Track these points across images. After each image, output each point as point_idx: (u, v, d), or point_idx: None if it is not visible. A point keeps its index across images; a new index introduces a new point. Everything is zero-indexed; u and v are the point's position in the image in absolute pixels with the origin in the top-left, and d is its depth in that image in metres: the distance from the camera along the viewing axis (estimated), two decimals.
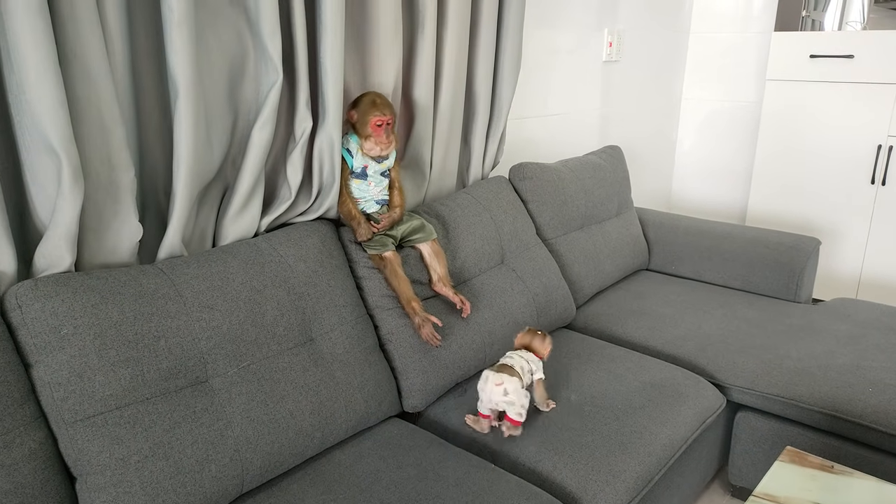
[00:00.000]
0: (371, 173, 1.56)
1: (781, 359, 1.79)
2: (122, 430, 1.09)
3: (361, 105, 1.52)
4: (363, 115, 1.51)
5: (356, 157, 1.54)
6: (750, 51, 3.13)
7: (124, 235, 1.23)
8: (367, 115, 1.50)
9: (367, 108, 1.50)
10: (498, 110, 1.99)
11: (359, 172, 1.55)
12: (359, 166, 1.55)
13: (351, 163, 1.55)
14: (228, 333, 1.25)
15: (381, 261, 1.56)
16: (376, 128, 1.50)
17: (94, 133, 1.14)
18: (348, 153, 1.55)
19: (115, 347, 1.11)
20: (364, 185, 1.56)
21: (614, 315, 2.05)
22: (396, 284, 1.55)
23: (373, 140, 1.51)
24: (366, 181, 1.56)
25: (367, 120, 1.50)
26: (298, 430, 1.28)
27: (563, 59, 2.52)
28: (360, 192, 1.57)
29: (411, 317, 1.54)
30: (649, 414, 1.53)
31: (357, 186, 1.56)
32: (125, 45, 1.19)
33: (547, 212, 2.06)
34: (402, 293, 1.55)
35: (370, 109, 1.50)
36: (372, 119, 1.49)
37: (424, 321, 1.53)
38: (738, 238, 2.33)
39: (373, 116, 1.49)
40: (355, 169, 1.55)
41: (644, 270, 2.48)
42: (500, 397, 1.40)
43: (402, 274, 1.56)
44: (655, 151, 3.30)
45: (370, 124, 1.50)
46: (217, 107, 1.36)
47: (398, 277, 1.55)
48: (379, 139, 1.51)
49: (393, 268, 1.55)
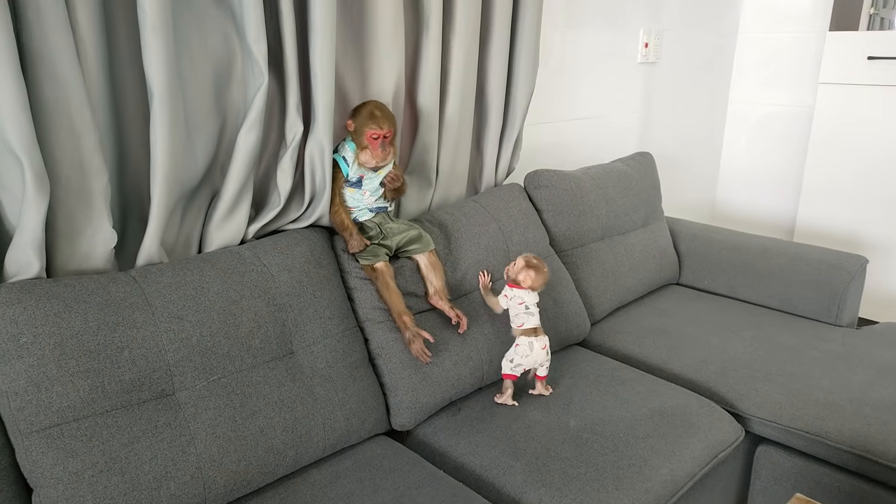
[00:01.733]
0: (366, 182, 1.50)
1: (811, 389, 1.64)
2: (78, 442, 1.06)
3: (360, 115, 1.46)
4: (360, 126, 1.45)
5: (352, 166, 1.49)
6: (802, 52, 2.93)
7: (98, 242, 1.21)
8: (364, 126, 1.45)
9: (364, 120, 1.45)
10: (512, 115, 1.90)
11: (354, 181, 1.50)
12: (354, 175, 1.49)
13: (346, 171, 1.49)
14: (198, 345, 1.21)
15: (373, 272, 1.50)
16: (372, 140, 1.45)
17: (63, 138, 1.12)
18: (344, 161, 1.49)
19: (76, 358, 1.08)
20: (358, 193, 1.51)
21: (632, 333, 1.93)
22: (388, 297, 1.49)
23: (368, 152, 1.46)
24: (360, 190, 1.51)
25: (364, 132, 1.45)
26: (269, 448, 1.24)
27: (593, 60, 2.41)
28: (354, 200, 1.51)
29: (402, 331, 1.48)
30: (652, 445, 1.42)
31: (351, 195, 1.51)
32: (100, 48, 1.17)
33: (563, 222, 1.96)
34: (393, 306, 1.49)
35: (367, 121, 1.45)
36: (368, 132, 1.44)
37: (415, 336, 1.46)
38: (777, 253, 2.17)
39: (369, 129, 1.44)
40: (350, 177, 1.50)
41: (673, 285, 2.34)
42: (545, 357, 1.56)
43: (393, 286, 1.49)
44: (698, 158, 3.13)
45: (366, 136, 1.45)
46: (202, 111, 1.33)
47: (389, 290, 1.49)
48: (375, 152, 1.46)
49: (385, 280, 1.49)
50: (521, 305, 1.55)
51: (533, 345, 1.54)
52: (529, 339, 1.54)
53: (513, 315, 1.56)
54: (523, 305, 1.55)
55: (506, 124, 1.91)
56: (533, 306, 1.56)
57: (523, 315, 1.55)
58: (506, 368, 1.56)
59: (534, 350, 1.54)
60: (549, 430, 1.46)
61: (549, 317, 1.76)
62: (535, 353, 1.54)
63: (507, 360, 1.56)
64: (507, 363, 1.56)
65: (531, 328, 1.55)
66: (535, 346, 1.54)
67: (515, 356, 1.55)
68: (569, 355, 1.80)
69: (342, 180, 1.50)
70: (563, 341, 1.81)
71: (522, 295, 1.55)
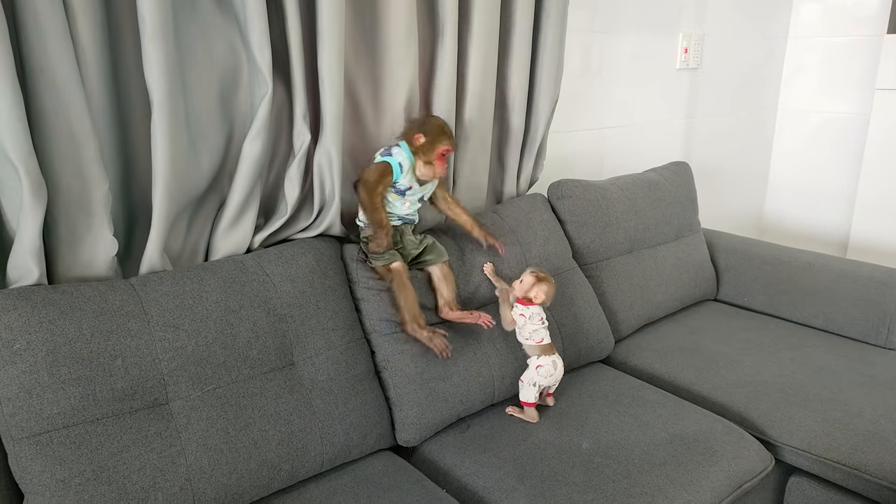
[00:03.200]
0: (410, 194, 1.48)
1: (850, 417, 1.52)
2: (67, 450, 1.06)
3: (431, 129, 1.45)
4: (432, 143, 1.44)
5: (405, 175, 1.45)
6: (858, 56, 2.76)
7: (99, 249, 1.22)
8: (436, 142, 1.44)
9: (437, 136, 1.44)
10: (534, 124, 1.84)
11: (402, 189, 1.47)
12: (404, 184, 1.46)
13: (398, 177, 1.45)
14: (193, 355, 1.20)
15: (389, 272, 1.46)
16: (440, 157, 1.44)
17: (63, 146, 1.13)
18: (399, 167, 1.44)
19: (68, 365, 1.09)
20: (399, 202, 1.47)
21: (659, 351, 1.84)
22: (403, 298, 1.44)
23: (433, 168, 1.44)
24: (402, 199, 1.48)
25: (436, 147, 1.44)
26: (262, 461, 1.22)
27: (629, 66, 2.33)
28: (392, 207, 1.48)
29: (418, 332, 1.44)
30: (668, 473, 1.33)
31: (393, 201, 1.47)
32: (102, 57, 1.18)
33: (587, 234, 1.88)
34: (407, 308, 1.44)
35: (441, 137, 1.44)
36: (440, 147, 1.44)
37: (434, 333, 1.44)
38: (822, 269, 2.04)
39: (442, 145, 1.44)
40: (400, 185, 1.46)
41: (710, 301, 2.23)
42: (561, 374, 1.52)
43: (410, 287, 1.46)
44: (744, 169, 2.99)
45: (437, 152, 1.44)
46: (207, 119, 1.33)
47: (406, 290, 1.45)
48: (439, 169, 1.45)
49: (401, 279, 1.45)
50: (540, 322, 1.49)
51: (556, 363, 1.49)
52: (552, 358, 1.49)
53: (530, 331, 1.49)
54: (542, 321, 1.49)
55: (528, 133, 1.86)
56: (546, 321, 1.50)
57: (542, 331, 1.49)
58: (529, 397, 1.49)
59: (557, 369, 1.50)
60: (559, 451, 1.39)
61: (567, 333, 1.69)
62: (558, 371, 1.50)
63: (530, 384, 1.49)
64: (530, 389, 1.49)
65: (549, 344, 1.50)
66: (558, 364, 1.50)
67: (539, 378, 1.48)
68: (589, 373, 1.73)
69: (390, 180, 1.44)
70: (583, 358, 1.74)
71: (539, 311, 1.49)
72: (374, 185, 1.42)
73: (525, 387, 1.50)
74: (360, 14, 1.48)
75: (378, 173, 1.42)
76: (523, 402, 1.50)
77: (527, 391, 1.49)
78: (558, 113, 2.05)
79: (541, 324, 1.49)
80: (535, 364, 1.49)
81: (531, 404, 1.50)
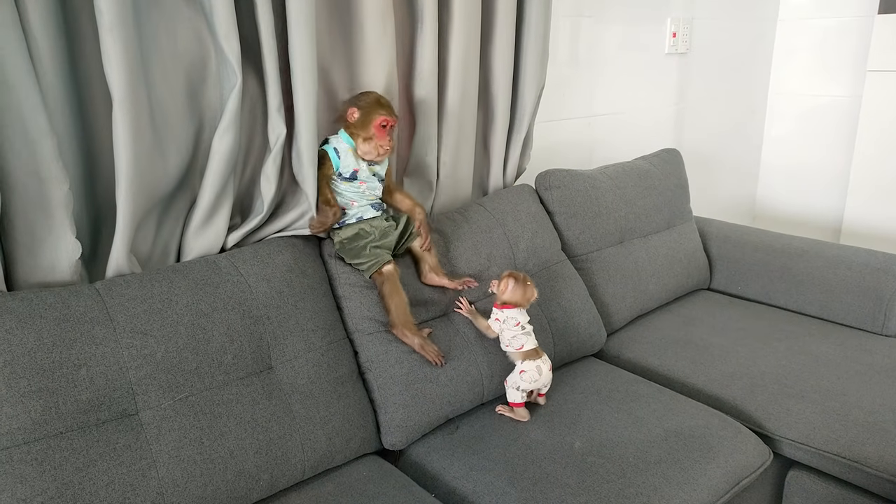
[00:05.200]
0: (360, 175, 1.41)
1: (849, 408, 1.48)
2: (28, 467, 1.00)
3: (365, 102, 1.37)
4: (367, 115, 1.36)
5: (345, 158, 1.39)
6: (848, 38, 2.71)
7: (61, 252, 1.15)
8: (371, 114, 1.36)
9: (372, 107, 1.36)
10: (520, 112, 1.78)
11: (347, 175, 1.40)
12: (347, 168, 1.39)
13: (337, 164, 1.39)
14: (163, 362, 1.14)
15: (380, 276, 1.40)
16: (380, 129, 1.36)
17: (17, 144, 1.07)
18: (335, 153, 1.39)
19: (27, 377, 1.02)
20: (353, 186, 1.41)
21: (653, 343, 1.79)
22: (395, 304, 1.39)
23: (374, 142, 1.37)
24: (355, 183, 1.41)
25: (371, 119, 1.36)
26: (239, 472, 1.16)
27: (616, 52, 2.27)
28: (353, 194, 1.41)
29: (409, 338, 1.39)
30: (664, 472, 1.28)
31: (348, 188, 1.41)
32: (57, 49, 1.11)
33: (576, 225, 1.83)
34: (398, 314, 1.39)
35: (376, 108, 1.36)
36: (377, 119, 1.35)
37: (425, 340, 1.39)
38: (817, 256, 2.00)
39: (378, 116, 1.36)
40: (343, 171, 1.40)
41: (703, 290, 2.18)
42: (550, 377, 1.46)
43: (402, 291, 1.40)
44: (736, 155, 2.94)
45: (374, 124, 1.36)
46: (174, 114, 1.26)
47: (398, 295, 1.39)
48: (381, 141, 1.37)
49: (394, 284, 1.40)
50: (517, 327, 1.42)
51: (541, 368, 1.43)
52: (536, 363, 1.43)
53: (509, 338, 1.43)
54: (519, 326, 1.42)
55: (513, 121, 1.80)
56: (527, 325, 1.44)
57: (521, 336, 1.42)
58: (516, 398, 1.44)
59: (542, 374, 1.43)
60: (551, 451, 1.34)
61: (558, 327, 1.64)
62: (543, 377, 1.44)
63: (513, 387, 1.44)
64: (514, 392, 1.44)
65: (532, 349, 1.43)
66: (543, 369, 1.43)
67: (522, 383, 1.43)
68: (581, 368, 1.68)
69: (331, 172, 1.39)
70: (574, 353, 1.69)
71: (515, 315, 1.43)
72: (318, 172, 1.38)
73: (509, 389, 1.45)
74: (332, 3, 1.41)
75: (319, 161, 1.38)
76: (511, 403, 1.45)
77: (512, 394, 1.44)
78: (545, 101, 1.99)
79: (519, 329, 1.42)
80: (520, 369, 1.43)
81: (519, 405, 1.44)
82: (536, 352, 1.44)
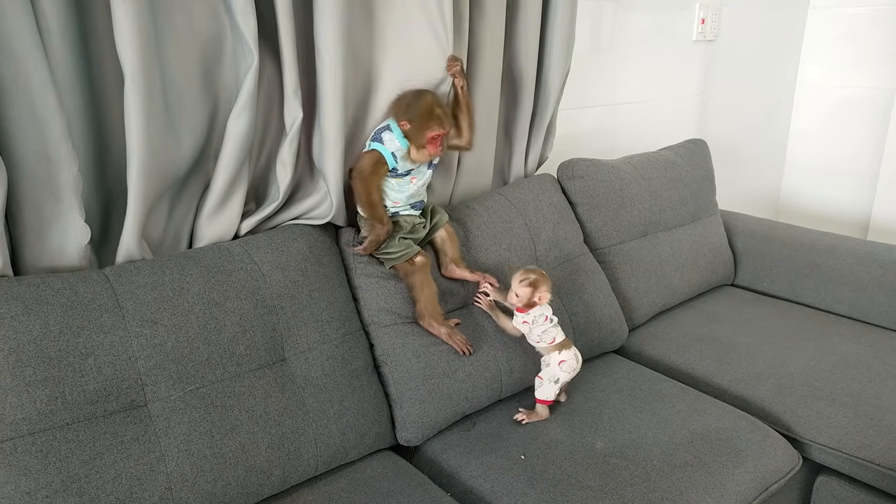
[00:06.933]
0: (415, 172, 1.37)
1: (882, 412, 1.42)
2: (33, 459, 0.97)
3: (418, 113, 1.30)
4: (419, 128, 1.30)
5: (401, 161, 1.33)
6: (883, 27, 2.61)
7: (70, 237, 1.11)
8: (423, 129, 1.30)
9: (425, 120, 1.29)
10: (544, 99, 1.72)
11: (402, 173, 1.35)
12: (402, 169, 1.35)
13: (392, 164, 1.33)
14: (173, 352, 1.10)
15: (412, 266, 1.36)
16: (432, 141, 1.31)
17: (24, 123, 1.02)
18: (392, 157, 1.32)
19: (33, 365, 0.99)
20: (405, 182, 1.36)
21: (676, 340, 1.74)
22: (426, 294, 1.35)
23: (426, 152, 1.32)
24: (406, 178, 1.36)
25: (424, 133, 1.30)
26: (250, 467, 1.12)
27: (643, 38, 2.19)
28: (398, 193, 1.37)
29: (436, 328, 1.36)
30: (690, 476, 1.23)
31: (397, 184, 1.36)
32: (67, 23, 1.06)
33: (599, 216, 1.77)
34: (427, 304, 1.36)
35: (429, 122, 1.29)
36: (428, 134, 1.30)
37: (452, 330, 1.37)
38: (847, 253, 1.93)
39: (430, 131, 1.30)
40: (400, 171, 1.35)
41: (728, 286, 2.12)
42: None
43: (432, 282, 1.37)
44: (762, 147, 2.86)
45: (426, 138, 1.30)
46: (188, 94, 1.21)
47: (430, 286, 1.36)
48: (433, 151, 1.32)
49: (425, 275, 1.36)
50: (546, 322, 1.37)
51: (577, 356, 1.41)
52: (573, 351, 1.40)
53: (539, 334, 1.37)
54: (548, 320, 1.38)
55: (537, 108, 1.73)
56: (553, 317, 1.39)
57: (552, 330, 1.38)
58: (550, 394, 1.39)
59: (578, 361, 1.41)
60: (572, 452, 1.30)
61: (579, 322, 1.58)
62: (578, 364, 1.41)
63: (551, 381, 1.38)
64: (551, 386, 1.38)
65: (564, 340, 1.39)
66: (578, 356, 1.41)
67: (562, 374, 1.38)
68: (602, 364, 1.62)
69: (385, 170, 1.33)
70: (595, 349, 1.63)
71: (542, 311, 1.37)
72: (370, 177, 1.32)
73: (545, 384, 1.39)
74: None
75: (371, 164, 1.32)
76: (540, 399, 1.40)
77: (547, 388, 1.39)
78: (568, 88, 1.92)
79: (548, 323, 1.38)
80: (558, 360, 1.38)
81: (549, 402, 1.39)
82: (567, 341, 1.40)
